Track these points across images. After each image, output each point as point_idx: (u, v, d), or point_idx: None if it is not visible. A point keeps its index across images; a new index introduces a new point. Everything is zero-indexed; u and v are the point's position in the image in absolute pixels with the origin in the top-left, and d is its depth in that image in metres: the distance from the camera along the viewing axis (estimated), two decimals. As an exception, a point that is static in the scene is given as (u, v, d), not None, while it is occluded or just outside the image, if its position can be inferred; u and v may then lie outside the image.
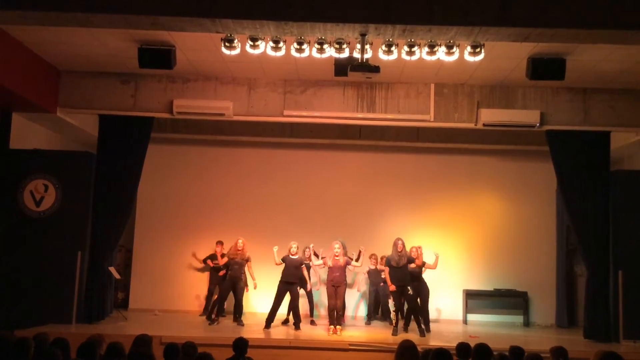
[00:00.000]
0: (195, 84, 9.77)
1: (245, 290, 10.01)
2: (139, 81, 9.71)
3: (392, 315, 9.87)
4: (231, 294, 9.98)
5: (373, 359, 8.11)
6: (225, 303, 10.22)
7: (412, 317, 9.53)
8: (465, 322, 11.20)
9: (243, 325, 9.67)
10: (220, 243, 10.92)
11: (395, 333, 9.22)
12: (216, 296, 10.46)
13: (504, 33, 6.37)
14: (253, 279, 9.98)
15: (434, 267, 10.09)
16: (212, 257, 11.07)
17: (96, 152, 9.97)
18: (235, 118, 9.84)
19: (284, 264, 9.53)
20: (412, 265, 9.62)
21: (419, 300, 9.79)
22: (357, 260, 9.85)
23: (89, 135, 10.47)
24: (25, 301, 9.12)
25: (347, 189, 11.78)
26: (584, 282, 9.86)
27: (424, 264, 10.00)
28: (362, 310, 11.31)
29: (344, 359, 8.19)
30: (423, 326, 9.37)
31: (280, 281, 9.52)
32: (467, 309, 11.28)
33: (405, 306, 9.68)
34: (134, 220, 11.40)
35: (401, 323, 9.52)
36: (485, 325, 11.01)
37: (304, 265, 9.74)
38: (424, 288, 10.00)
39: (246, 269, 9.94)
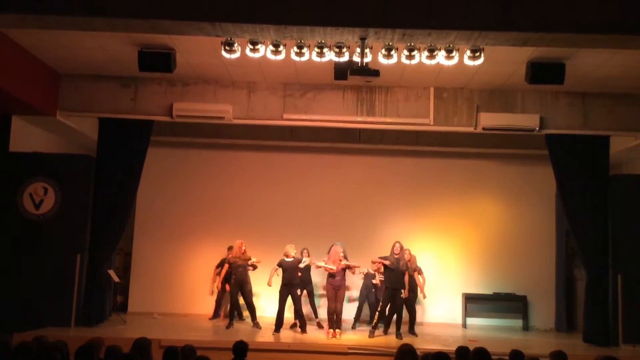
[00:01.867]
0: (195, 87, 9.77)
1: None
2: (138, 84, 9.72)
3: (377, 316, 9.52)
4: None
5: (372, 362, 8.11)
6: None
7: (395, 320, 9.38)
8: (464, 325, 11.18)
9: (260, 327, 9.67)
10: (231, 248, 10.54)
11: (371, 335, 9.13)
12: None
13: (503, 37, 6.39)
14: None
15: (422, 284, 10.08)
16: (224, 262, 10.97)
17: (96, 155, 9.98)
18: (235, 121, 9.84)
19: (281, 269, 9.54)
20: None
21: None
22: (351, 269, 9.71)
23: (89, 138, 10.46)
24: (25, 304, 9.09)
25: (347, 192, 11.76)
26: (584, 286, 9.85)
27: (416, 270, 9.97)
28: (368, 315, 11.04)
29: (343, 362, 8.19)
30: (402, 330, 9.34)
31: (281, 284, 9.53)
32: (467, 313, 11.27)
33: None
34: (133, 223, 11.40)
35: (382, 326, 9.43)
36: (485, 329, 10.97)
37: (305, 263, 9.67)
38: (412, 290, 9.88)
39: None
